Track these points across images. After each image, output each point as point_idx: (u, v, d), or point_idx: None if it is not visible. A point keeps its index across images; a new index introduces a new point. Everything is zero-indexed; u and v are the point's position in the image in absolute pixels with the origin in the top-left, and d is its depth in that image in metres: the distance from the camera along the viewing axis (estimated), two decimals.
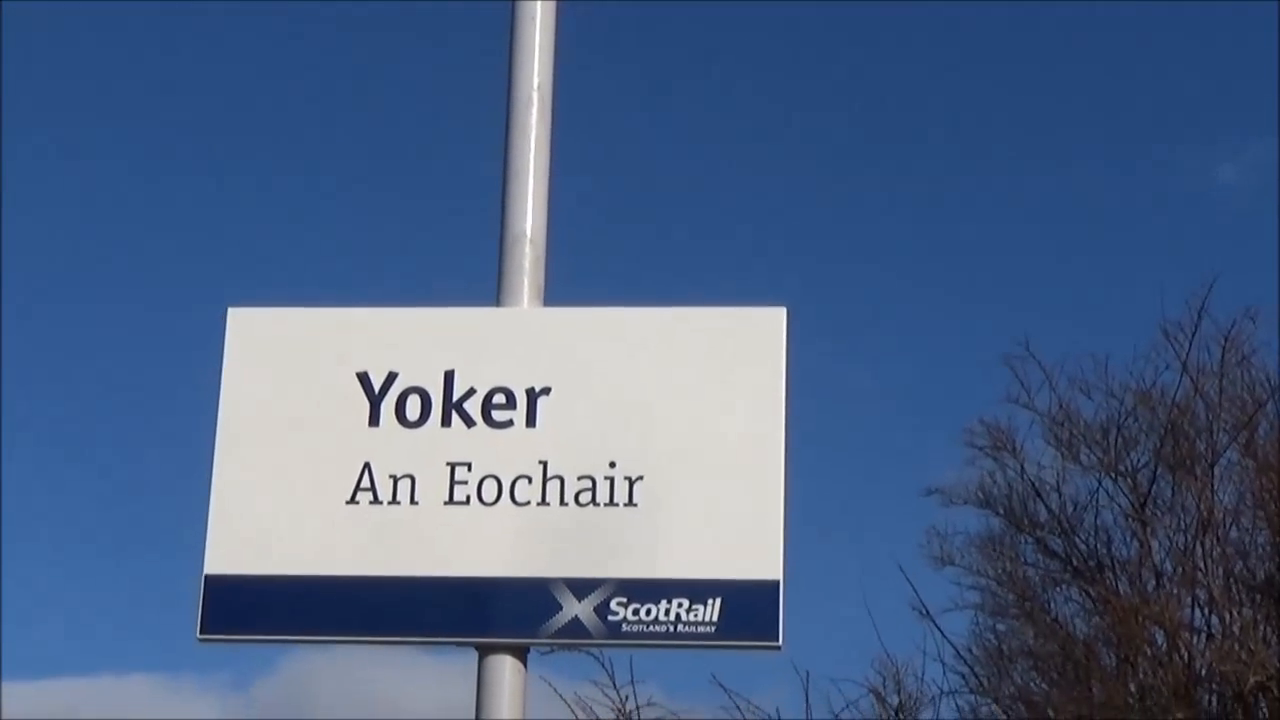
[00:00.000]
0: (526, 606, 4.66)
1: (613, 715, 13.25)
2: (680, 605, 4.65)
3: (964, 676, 14.92)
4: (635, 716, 13.19)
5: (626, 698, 13.24)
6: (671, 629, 4.65)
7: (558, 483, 4.74)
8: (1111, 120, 26.88)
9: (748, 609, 4.65)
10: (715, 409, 4.81)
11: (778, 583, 4.66)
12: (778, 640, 4.65)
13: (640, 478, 4.74)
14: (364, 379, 4.87)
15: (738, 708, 13.55)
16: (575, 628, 4.65)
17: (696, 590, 4.65)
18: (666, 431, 4.79)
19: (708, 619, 4.65)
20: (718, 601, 4.65)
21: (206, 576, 4.75)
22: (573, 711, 13.11)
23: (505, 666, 4.65)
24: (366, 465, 4.78)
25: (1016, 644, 15.23)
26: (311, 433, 4.84)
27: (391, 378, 4.86)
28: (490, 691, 4.63)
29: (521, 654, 4.68)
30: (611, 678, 13.15)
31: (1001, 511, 15.47)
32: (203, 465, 4.84)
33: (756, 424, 4.80)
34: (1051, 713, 13.42)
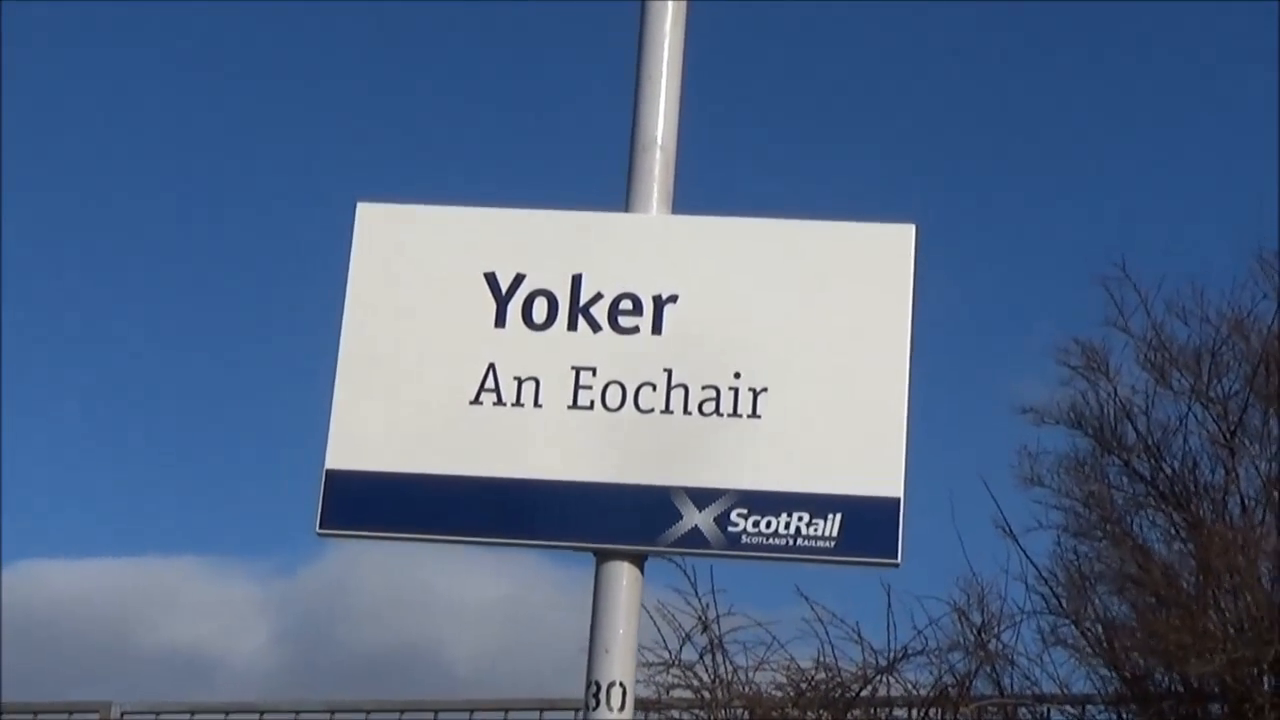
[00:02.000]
0: (647, 514, 4.64)
1: (694, 622, 13.27)
2: (801, 519, 4.63)
3: (1044, 598, 14.87)
4: (716, 625, 13.21)
5: (707, 606, 13.25)
6: (791, 542, 4.63)
7: (682, 391, 4.72)
8: (1216, 39, 26.57)
9: (868, 525, 4.62)
10: (841, 324, 4.78)
11: (899, 500, 4.64)
12: (896, 558, 4.61)
13: (765, 389, 4.72)
14: (491, 279, 4.85)
15: (820, 620, 13.52)
16: (695, 537, 4.64)
17: (818, 504, 4.63)
18: (792, 344, 4.76)
19: (827, 534, 4.63)
20: (838, 517, 4.63)
21: (327, 471, 4.76)
22: (653, 619, 13.15)
23: (623, 573, 4.64)
24: (491, 366, 4.77)
25: (1099, 567, 15.16)
26: (436, 331, 4.83)
27: (519, 279, 4.84)
28: (607, 597, 4.63)
29: (639, 561, 4.68)
30: (694, 586, 13.16)
31: (1090, 433, 15.38)
32: (325, 358, 4.85)
33: (882, 341, 4.77)
34: (1148, 639, 13.36)
